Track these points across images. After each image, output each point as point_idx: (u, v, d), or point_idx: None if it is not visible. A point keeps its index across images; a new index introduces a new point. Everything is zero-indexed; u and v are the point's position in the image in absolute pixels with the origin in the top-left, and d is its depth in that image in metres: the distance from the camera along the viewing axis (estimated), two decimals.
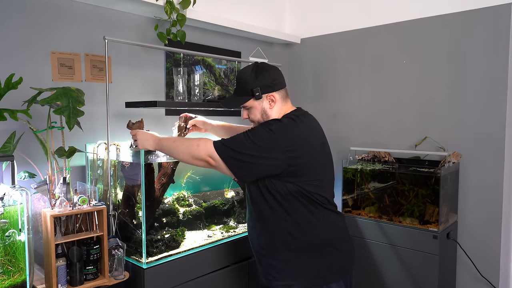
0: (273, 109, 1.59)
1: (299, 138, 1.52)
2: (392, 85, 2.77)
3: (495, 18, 2.33)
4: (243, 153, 1.47)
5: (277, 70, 1.62)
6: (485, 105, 2.39)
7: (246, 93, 1.58)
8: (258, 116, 1.61)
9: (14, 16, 1.86)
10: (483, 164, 2.42)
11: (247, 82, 1.57)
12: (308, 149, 1.53)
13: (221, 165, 1.50)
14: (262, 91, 1.56)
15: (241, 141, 1.48)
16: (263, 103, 1.58)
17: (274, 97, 1.58)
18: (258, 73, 1.57)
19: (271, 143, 1.46)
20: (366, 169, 2.63)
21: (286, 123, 1.53)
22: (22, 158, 1.81)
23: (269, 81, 1.57)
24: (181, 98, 2.20)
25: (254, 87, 1.56)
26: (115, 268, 1.71)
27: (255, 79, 1.56)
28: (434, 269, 2.26)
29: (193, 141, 1.57)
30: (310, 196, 1.51)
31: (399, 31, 2.72)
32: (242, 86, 1.60)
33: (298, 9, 3.28)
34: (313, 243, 1.54)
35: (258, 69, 1.58)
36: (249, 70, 1.59)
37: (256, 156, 1.46)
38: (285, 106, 1.63)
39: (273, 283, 1.58)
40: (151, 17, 2.37)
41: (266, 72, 1.58)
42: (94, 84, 2.14)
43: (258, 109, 1.60)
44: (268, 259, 1.59)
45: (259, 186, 1.54)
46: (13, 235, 1.47)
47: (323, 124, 3.16)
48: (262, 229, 1.60)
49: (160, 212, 2.08)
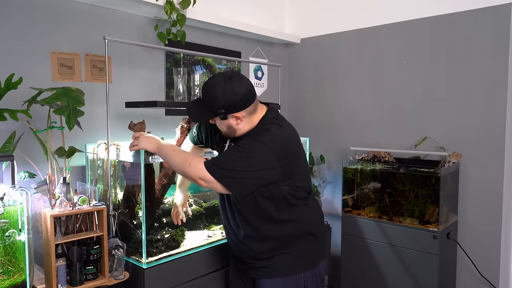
0: (239, 125, 1.52)
1: (289, 143, 1.55)
2: (392, 85, 2.77)
3: (495, 18, 2.33)
4: (239, 171, 1.45)
5: (245, 85, 1.49)
6: (485, 105, 2.39)
7: (210, 110, 1.49)
8: (225, 129, 1.56)
9: (14, 16, 1.86)
10: (483, 164, 2.42)
11: (214, 99, 1.46)
12: (295, 150, 1.58)
13: (215, 186, 1.47)
14: (227, 112, 1.47)
15: (234, 160, 1.45)
16: (229, 120, 1.51)
17: (239, 116, 1.50)
18: (227, 91, 1.45)
19: (266, 156, 1.46)
20: (366, 169, 2.63)
21: (275, 132, 1.50)
22: (22, 158, 1.81)
23: (235, 101, 1.46)
24: (181, 98, 2.20)
25: (219, 108, 1.47)
26: (115, 268, 1.71)
27: (221, 98, 1.45)
28: (434, 269, 2.26)
29: (187, 158, 1.53)
30: (299, 192, 1.57)
31: (399, 31, 2.72)
32: (208, 100, 1.49)
33: (298, 9, 3.28)
34: (305, 233, 1.63)
35: (226, 85, 1.45)
36: (216, 85, 1.46)
37: (253, 171, 1.46)
38: (255, 116, 1.54)
39: (267, 274, 1.62)
40: (151, 17, 2.37)
41: (233, 90, 1.45)
42: (94, 84, 2.14)
43: (224, 124, 1.54)
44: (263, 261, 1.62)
45: (255, 196, 1.53)
46: (13, 235, 1.46)
47: (323, 124, 3.18)
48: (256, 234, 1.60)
49: (160, 212, 2.08)
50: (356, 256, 2.60)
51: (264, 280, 1.62)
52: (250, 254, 1.64)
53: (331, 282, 3.10)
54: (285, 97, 3.36)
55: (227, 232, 1.74)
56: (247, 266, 1.68)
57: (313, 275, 1.63)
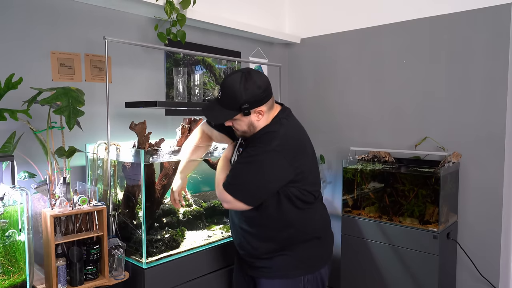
0: (260, 121, 1.51)
1: (298, 144, 1.54)
2: (392, 85, 2.77)
3: (495, 18, 2.33)
4: (256, 185, 1.47)
5: (265, 78, 1.50)
6: (485, 105, 2.39)
7: (233, 107, 1.47)
8: (245, 128, 1.53)
9: (14, 16, 1.86)
10: (483, 164, 2.42)
11: (236, 95, 1.44)
12: (305, 151, 1.56)
13: (237, 205, 1.48)
14: (251, 107, 1.46)
15: (249, 174, 1.46)
16: (251, 117, 1.49)
17: (262, 111, 1.49)
18: (248, 85, 1.44)
19: (279, 164, 1.46)
20: (366, 169, 2.63)
21: (284, 135, 1.49)
22: (22, 158, 1.81)
23: (258, 94, 1.45)
24: (181, 98, 2.20)
25: (243, 103, 1.44)
26: (115, 268, 1.71)
27: (244, 92, 1.44)
28: (434, 269, 2.26)
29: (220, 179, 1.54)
30: (307, 196, 1.55)
31: (399, 31, 2.71)
32: (230, 98, 1.46)
33: (298, 9, 3.28)
34: (309, 237, 1.61)
35: (247, 79, 1.45)
36: (237, 80, 1.45)
37: (270, 180, 1.47)
38: (272, 112, 1.55)
39: (267, 274, 1.61)
40: (151, 17, 2.37)
41: (256, 83, 1.45)
42: (94, 84, 2.14)
43: (245, 122, 1.51)
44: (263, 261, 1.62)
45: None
46: (13, 235, 1.47)
47: (323, 123, 3.17)
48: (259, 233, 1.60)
49: (160, 212, 2.08)
50: (356, 256, 2.60)
51: (264, 280, 1.62)
52: (251, 252, 1.64)
53: (331, 282, 3.10)
54: (285, 97, 3.36)
55: (232, 228, 1.74)
56: (248, 264, 1.68)
57: (314, 279, 1.61)
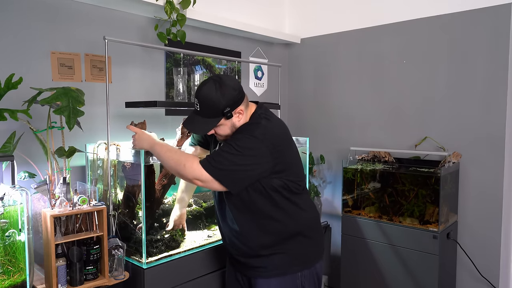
0: (241, 120, 1.56)
1: (279, 136, 1.57)
2: (392, 85, 2.77)
3: (495, 18, 2.33)
4: (235, 167, 1.47)
5: (236, 80, 1.57)
6: (485, 105, 2.39)
7: (215, 115, 1.51)
8: (228, 131, 1.56)
9: (14, 16, 1.86)
10: (483, 164, 2.42)
11: (215, 103, 1.48)
12: (286, 144, 1.60)
13: (212, 185, 1.48)
14: (232, 109, 1.50)
15: (230, 156, 1.46)
16: (233, 118, 1.54)
17: (241, 110, 1.54)
18: (223, 90, 1.48)
19: (259, 149, 1.48)
20: (366, 169, 2.63)
21: (266, 126, 1.53)
22: (22, 158, 1.81)
23: (235, 96, 1.50)
24: (181, 98, 2.20)
25: (224, 108, 1.49)
26: (115, 268, 1.71)
27: (222, 98, 1.48)
28: (434, 269, 2.26)
29: (181, 159, 1.53)
30: (292, 185, 1.58)
31: (399, 31, 2.72)
32: (210, 107, 1.50)
33: (298, 9, 3.29)
34: (300, 230, 1.62)
35: (222, 85, 1.49)
36: (212, 89, 1.49)
37: (248, 165, 1.48)
38: (249, 109, 1.60)
39: (264, 274, 1.61)
40: (151, 17, 2.37)
41: (230, 86, 1.50)
42: (94, 84, 2.14)
43: (228, 125, 1.55)
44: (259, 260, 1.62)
45: (248, 190, 1.54)
46: (13, 235, 1.47)
47: (323, 123, 3.18)
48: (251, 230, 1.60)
49: (160, 212, 2.08)
50: (356, 256, 2.60)
51: (261, 280, 1.62)
52: (246, 251, 1.64)
53: (331, 282, 3.10)
54: (285, 97, 3.36)
55: (222, 231, 1.74)
56: (244, 265, 1.68)
57: (310, 274, 1.63)
